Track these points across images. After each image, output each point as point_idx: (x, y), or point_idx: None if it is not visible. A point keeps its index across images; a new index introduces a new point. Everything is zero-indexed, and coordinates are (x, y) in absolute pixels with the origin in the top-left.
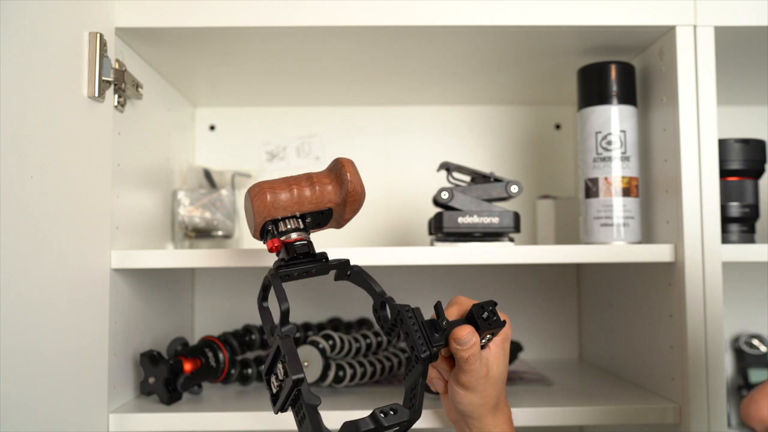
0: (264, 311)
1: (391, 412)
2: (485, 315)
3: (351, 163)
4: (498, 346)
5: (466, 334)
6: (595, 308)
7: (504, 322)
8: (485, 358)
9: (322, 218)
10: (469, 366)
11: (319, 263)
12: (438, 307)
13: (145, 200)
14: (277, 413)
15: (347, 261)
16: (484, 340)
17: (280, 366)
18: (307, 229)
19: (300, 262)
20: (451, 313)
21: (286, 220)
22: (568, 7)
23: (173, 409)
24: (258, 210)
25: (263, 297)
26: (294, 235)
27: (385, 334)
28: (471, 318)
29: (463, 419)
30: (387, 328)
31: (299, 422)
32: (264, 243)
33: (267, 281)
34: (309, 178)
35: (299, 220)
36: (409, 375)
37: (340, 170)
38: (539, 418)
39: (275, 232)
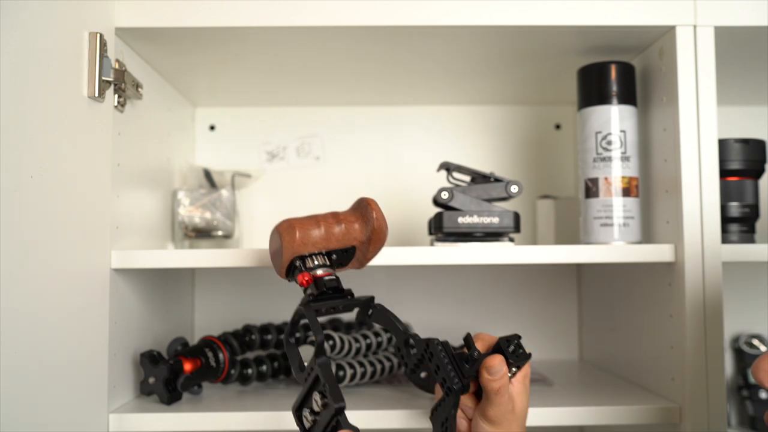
0: (291, 347)
1: None
2: (512, 348)
3: (375, 202)
4: (521, 382)
5: (498, 362)
6: (595, 308)
7: (530, 355)
8: (510, 393)
9: (345, 256)
10: (499, 398)
11: (345, 300)
12: (468, 339)
13: (145, 200)
14: None
15: (372, 298)
16: (510, 374)
17: (317, 396)
18: (333, 266)
19: (329, 297)
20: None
21: (314, 257)
22: (568, 7)
23: (173, 409)
24: (287, 245)
25: (291, 332)
26: (321, 271)
27: (409, 372)
28: (498, 351)
29: None
30: (412, 365)
31: None
32: (291, 279)
33: (298, 315)
34: (336, 216)
35: (326, 257)
36: (439, 409)
37: (366, 209)
38: (539, 418)
39: (303, 268)
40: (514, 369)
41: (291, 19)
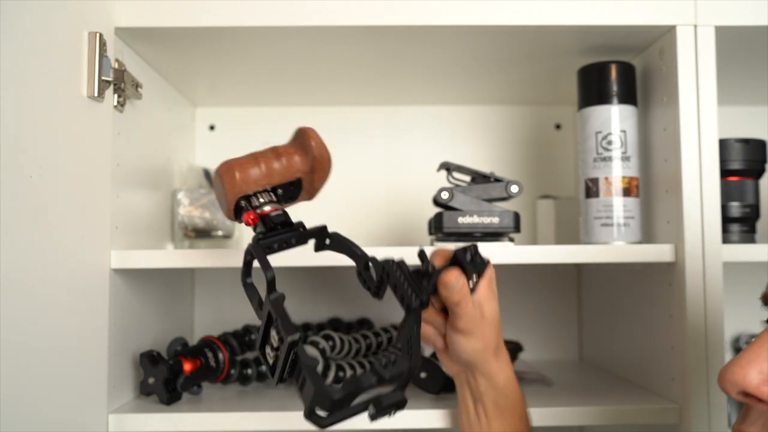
0: (249, 287)
1: (391, 364)
2: (469, 257)
3: (313, 130)
4: (486, 287)
5: (454, 277)
6: (595, 308)
7: (488, 262)
8: (477, 300)
9: (292, 190)
10: (462, 310)
11: (297, 232)
12: (422, 255)
13: (145, 200)
14: (277, 384)
15: (325, 227)
16: (471, 284)
17: (273, 333)
18: (280, 201)
19: (279, 232)
20: (435, 264)
21: (259, 195)
22: (569, 7)
23: (173, 410)
24: (229, 188)
25: (246, 273)
26: (268, 207)
27: (373, 294)
28: (456, 263)
29: (467, 369)
30: (374, 288)
31: (300, 388)
32: (239, 221)
33: (248, 255)
34: (275, 151)
35: (271, 193)
36: (402, 329)
37: (304, 138)
38: (540, 418)
39: (249, 207)
40: (474, 277)
41: (291, 18)
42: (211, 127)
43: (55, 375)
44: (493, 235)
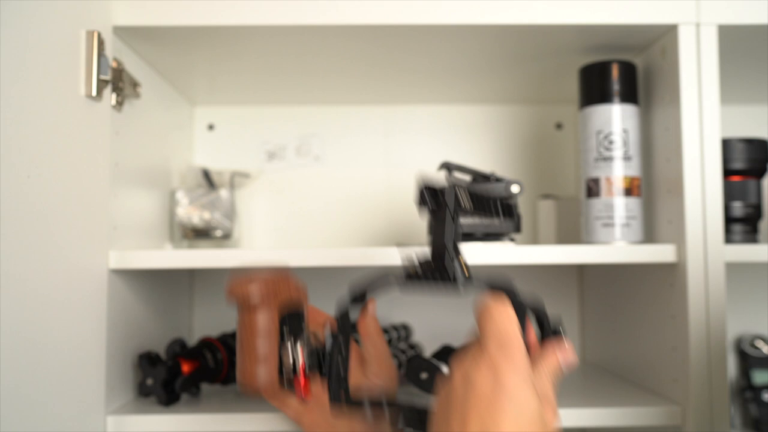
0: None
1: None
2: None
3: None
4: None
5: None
6: (596, 309)
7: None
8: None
9: (294, 324)
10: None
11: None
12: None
13: (144, 200)
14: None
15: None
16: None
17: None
18: (297, 341)
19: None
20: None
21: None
22: (570, 6)
23: (171, 411)
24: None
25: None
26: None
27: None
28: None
29: None
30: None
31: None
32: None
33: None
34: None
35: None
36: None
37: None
38: None
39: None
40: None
41: (290, 17)
42: (210, 127)
43: (53, 376)
44: (494, 235)
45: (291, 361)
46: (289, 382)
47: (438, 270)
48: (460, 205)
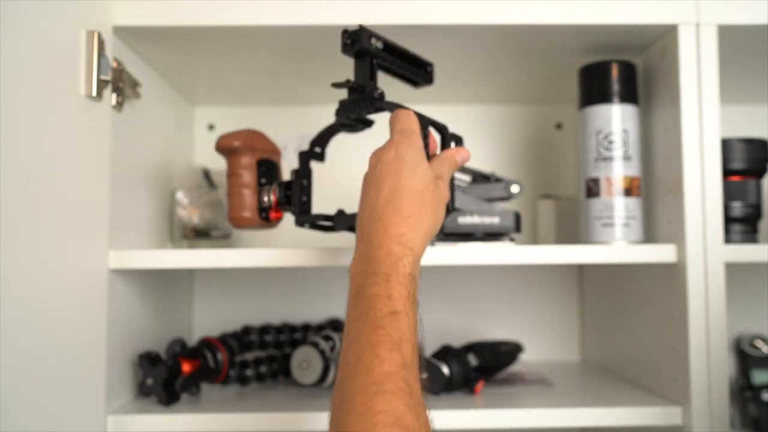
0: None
1: None
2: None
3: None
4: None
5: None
6: (596, 309)
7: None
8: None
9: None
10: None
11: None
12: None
13: (144, 200)
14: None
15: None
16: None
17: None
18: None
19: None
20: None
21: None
22: (570, 6)
23: (172, 411)
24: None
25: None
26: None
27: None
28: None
29: None
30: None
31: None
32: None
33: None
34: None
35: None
36: None
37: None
38: (540, 419)
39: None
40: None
41: (290, 18)
42: (210, 127)
43: (53, 376)
44: (494, 235)
45: (266, 199)
46: (266, 215)
47: (363, 99)
48: (372, 47)
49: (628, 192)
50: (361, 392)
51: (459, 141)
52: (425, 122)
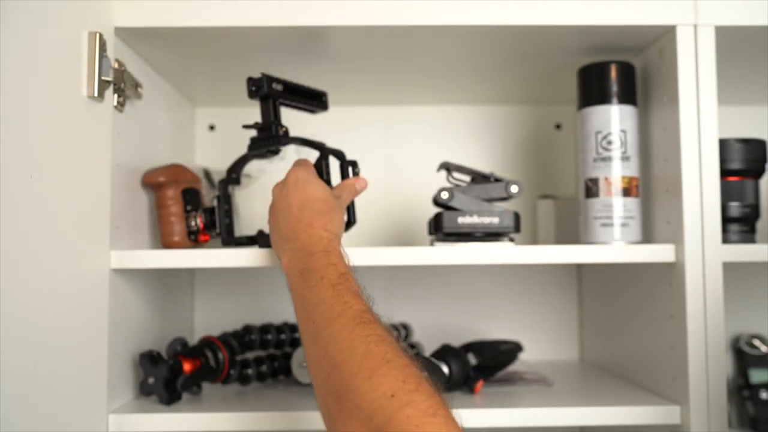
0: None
1: None
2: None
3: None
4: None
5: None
6: (595, 308)
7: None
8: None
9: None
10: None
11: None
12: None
13: (145, 200)
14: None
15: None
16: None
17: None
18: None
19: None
20: None
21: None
22: (569, 7)
23: (173, 410)
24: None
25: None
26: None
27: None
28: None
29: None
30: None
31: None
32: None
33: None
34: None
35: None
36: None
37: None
38: (539, 418)
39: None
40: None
41: (290, 18)
42: (211, 127)
43: (54, 375)
44: (494, 235)
45: (194, 223)
46: (195, 238)
47: (270, 137)
48: (274, 90)
49: (627, 192)
50: (342, 329)
51: (354, 165)
52: (325, 153)
